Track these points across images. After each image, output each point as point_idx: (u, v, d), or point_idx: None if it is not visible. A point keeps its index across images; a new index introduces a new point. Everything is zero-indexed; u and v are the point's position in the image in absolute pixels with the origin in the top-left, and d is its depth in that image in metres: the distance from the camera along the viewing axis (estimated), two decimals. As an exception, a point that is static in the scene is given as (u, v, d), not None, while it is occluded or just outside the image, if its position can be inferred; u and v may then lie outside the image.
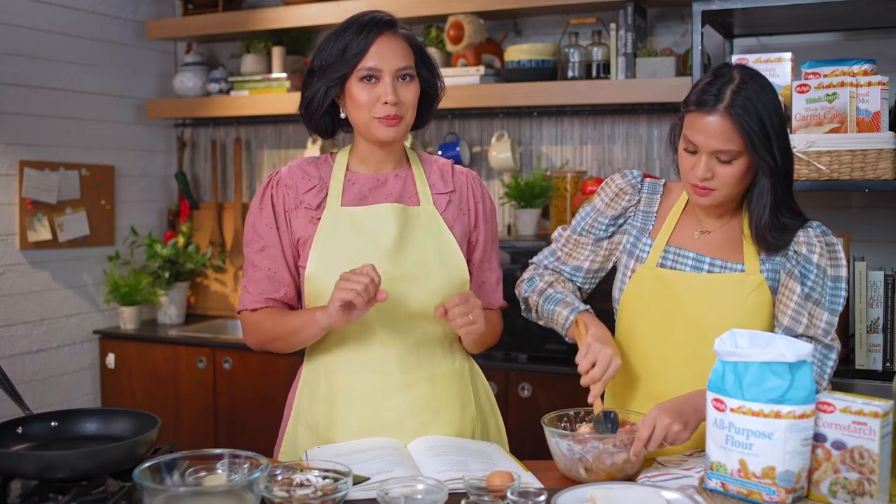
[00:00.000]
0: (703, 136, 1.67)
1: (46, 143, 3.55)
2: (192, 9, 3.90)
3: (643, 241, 1.85)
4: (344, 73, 1.76)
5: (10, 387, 1.69)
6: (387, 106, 1.74)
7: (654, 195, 1.88)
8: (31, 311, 3.51)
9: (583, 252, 1.91)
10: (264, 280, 1.84)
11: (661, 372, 1.79)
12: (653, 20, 3.34)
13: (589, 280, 1.94)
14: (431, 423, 1.80)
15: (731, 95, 1.65)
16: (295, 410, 1.88)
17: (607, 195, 1.90)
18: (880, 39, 2.95)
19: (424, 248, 1.80)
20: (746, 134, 1.64)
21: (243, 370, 3.43)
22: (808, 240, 1.73)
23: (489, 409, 1.96)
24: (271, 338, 1.83)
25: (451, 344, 1.88)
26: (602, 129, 3.44)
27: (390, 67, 1.75)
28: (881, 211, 2.97)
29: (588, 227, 1.91)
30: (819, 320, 1.69)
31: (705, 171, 1.68)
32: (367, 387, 1.79)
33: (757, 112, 1.64)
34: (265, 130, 4.07)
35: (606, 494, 1.42)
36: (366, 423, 1.78)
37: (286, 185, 1.84)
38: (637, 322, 1.82)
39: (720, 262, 1.78)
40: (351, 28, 1.77)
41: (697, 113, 1.68)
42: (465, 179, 1.92)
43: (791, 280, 1.72)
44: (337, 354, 1.82)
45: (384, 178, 1.85)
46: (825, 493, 1.42)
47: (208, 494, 1.33)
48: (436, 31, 3.54)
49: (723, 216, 1.81)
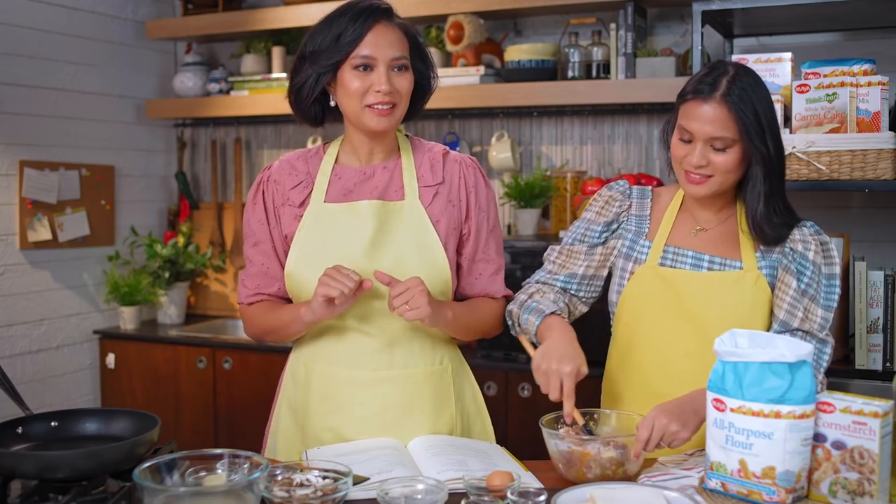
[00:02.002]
0: (699, 123, 1.69)
1: (46, 143, 3.55)
2: (192, 9, 3.90)
3: (640, 243, 1.85)
4: (337, 60, 1.73)
5: (10, 387, 1.70)
6: (379, 94, 1.72)
7: (644, 199, 1.90)
8: (31, 311, 3.50)
9: (577, 259, 1.89)
10: (258, 275, 1.88)
11: (663, 370, 1.79)
12: (653, 20, 3.34)
13: (585, 287, 1.91)
14: (401, 421, 1.80)
15: (728, 85, 1.69)
16: (282, 395, 1.94)
17: (598, 205, 1.91)
18: (880, 39, 2.95)
19: (403, 245, 1.79)
20: (741, 122, 1.67)
21: (243, 370, 3.43)
22: (804, 238, 1.76)
23: (475, 411, 1.93)
24: (264, 331, 1.89)
25: (433, 343, 1.86)
26: (602, 129, 3.44)
27: (385, 56, 1.73)
28: (881, 211, 2.97)
29: (581, 236, 1.90)
30: (815, 315, 1.72)
31: (700, 158, 1.71)
32: (340, 380, 1.81)
33: (752, 102, 1.68)
34: (265, 130, 4.07)
35: (606, 494, 1.42)
36: (336, 415, 1.80)
37: (275, 181, 1.86)
38: (639, 321, 1.82)
39: (719, 259, 1.79)
40: (346, 14, 1.74)
41: (694, 101, 1.71)
42: (458, 168, 1.87)
43: (787, 275, 1.74)
44: (315, 345, 1.85)
45: (371, 170, 1.84)
46: (825, 493, 1.42)
47: (208, 494, 1.33)
48: (436, 31, 3.54)
49: (720, 212, 1.83)
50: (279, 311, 1.84)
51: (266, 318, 1.86)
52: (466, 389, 1.93)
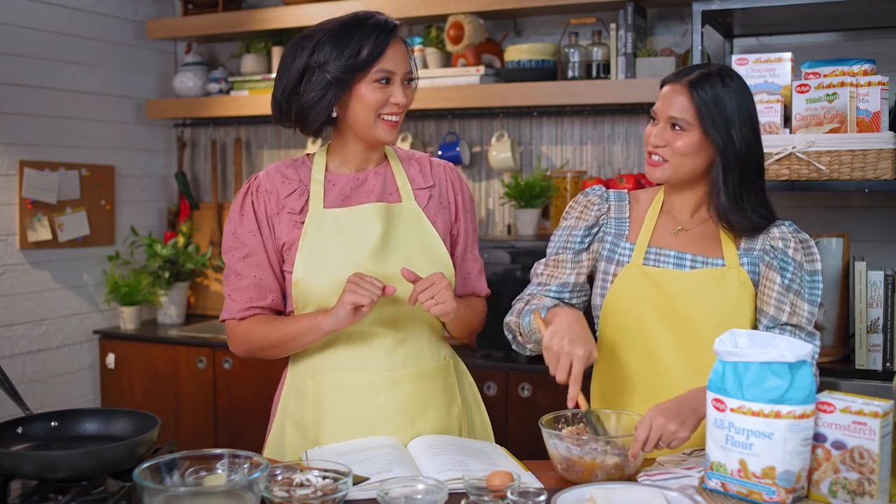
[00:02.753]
0: (663, 103, 1.79)
1: (46, 143, 3.55)
2: (192, 9, 3.90)
3: (622, 245, 1.86)
4: (359, 74, 1.75)
5: (10, 387, 1.70)
6: (396, 106, 1.78)
7: (622, 202, 1.92)
8: (31, 311, 3.50)
9: (565, 268, 1.90)
10: (250, 288, 1.83)
11: (652, 368, 1.80)
12: (653, 20, 3.34)
13: (577, 294, 1.91)
14: (419, 419, 1.81)
15: (700, 75, 1.76)
16: (281, 412, 1.89)
17: (576, 211, 1.93)
18: (880, 39, 2.95)
19: (409, 245, 1.81)
20: (701, 107, 1.73)
21: (243, 370, 3.43)
22: (783, 235, 1.80)
23: (474, 405, 1.97)
24: (264, 345, 1.82)
25: (436, 340, 1.90)
26: (602, 129, 3.44)
27: (401, 71, 1.78)
28: (881, 211, 2.97)
29: (563, 244, 1.91)
30: (801, 310, 1.77)
31: (658, 138, 1.78)
32: (355, 385, 1.79)
33: (717, 92, 1.74)
34: (265, 130, 4.07)
35: (606, 494, 1.43)
36: (354, 421, 1.79)
37: (266, 190, 1.83)
38: (626, 321, 1.83)
39: (701, 258, 1.81)
40: (361, 28, 1.75)
41: (666, 86, 1.80)
42: (444, 173, 1.93)
43: (771, 272, 1.78)
44: (324, 355, 1.82)
45: (364, 176, 1.86)
46: (825, 493, 1.42)
47: (208, 494, 1.33)
48: (436, 31, 3.53)
49: (698, 211, 1.85)
50: (285, 323, 1.80)
51: (267, 331, 1.81)
52: (465, 383, 1.97)
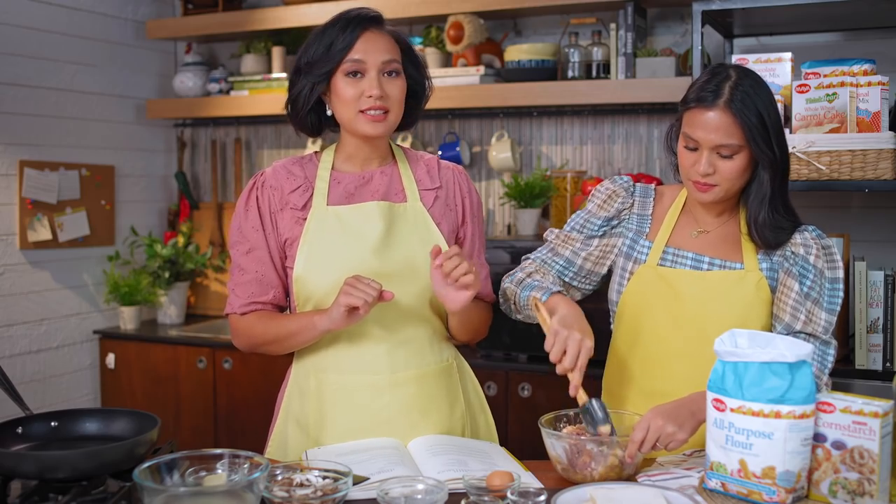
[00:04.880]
0: (704, 131, 1.69)
1: (46, 143, 3.55)
2: (192, 9, 3.90)
3: (640, 243, 1.85)
4: (329, 68, 1.75)
5: (10, 387, 1.70)
6: (371, 99, 1.74)
7: (646, 199, 1.89)
8: (31, 311, 3.50)
9: (574, 245, 1.89)
10: (252, 283, 1.84)
11: (663, 370, 1.79)
12: (653, 20, 3.34)
13: (579, 278, 1.90)
14: (421, 421, 1.80)
15: (730, 91, 1.68)
16: (284, 410, 1.88)
17: (599, 198, 1.90)
18: (880, 39, 2.95)
19: (411, 245, 1.80)
20: (746, 127, 1.67)
21: (243, 370, 3.43)
22: (805, 242, 1.76)
23: (478, 406, 1.95)
24: (263, 341, 1.84)
25: (439, 341, 1.88)
26: (602, 129, 3.44)
27: (375, 61, 1.74)
28: (881, 211, 2.97)
29: (580, 226, 1.90)
30: (818, 318, 1.72)
31: (707, 166, 1.70)
32: (358, 386, 1.79)
33: (755, 106, 1.68)
34: (265, 130, 4.07)
35: (606, 494, 1.42)
36: (356, 422, 1.78)
37: (271, 186, 1.84)
38: (639, 321, 1.82)
39: (719, 261, 1.79)
40: (337, 24, 1.76)
41: (697, 109, 1.70)
42: (452, 175, 1.92)
43: (789, 278, 1.74)
44: (326, 354, 1.82)
45: (370, 175, 1.85)
46: (825, 493, 1.42)
47: (208, 494, 1.33)
48: (436, 31, 3.53)
49: (721, 214, 1.82)
50: (284, 321, 1.80)
51: (267, 327, 1.82)
52: (469, 385, 1.95)
